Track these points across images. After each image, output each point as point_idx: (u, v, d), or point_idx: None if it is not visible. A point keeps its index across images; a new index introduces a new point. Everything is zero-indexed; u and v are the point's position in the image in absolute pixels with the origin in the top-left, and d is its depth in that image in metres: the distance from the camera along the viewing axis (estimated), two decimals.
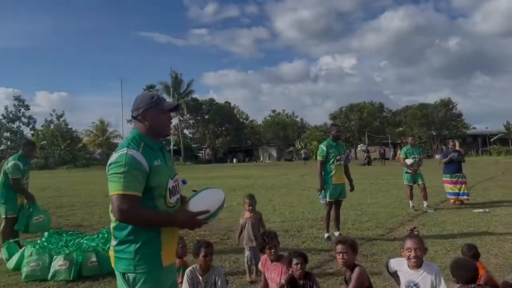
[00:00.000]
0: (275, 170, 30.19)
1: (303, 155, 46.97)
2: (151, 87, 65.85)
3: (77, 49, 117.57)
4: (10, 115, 57.46)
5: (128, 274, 2.13)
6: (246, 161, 60.16)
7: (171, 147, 45.03)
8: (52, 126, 57.01)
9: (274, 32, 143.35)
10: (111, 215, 2.18)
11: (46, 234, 5.99)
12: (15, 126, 58.02)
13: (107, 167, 2.18)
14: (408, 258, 3.22)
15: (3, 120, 57.08)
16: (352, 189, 6.95)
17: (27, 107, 59.06)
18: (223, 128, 64.97)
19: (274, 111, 72.49)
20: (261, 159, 61.68)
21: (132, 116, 2.33)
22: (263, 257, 3.84)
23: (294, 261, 3.36)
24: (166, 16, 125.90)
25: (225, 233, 7.52)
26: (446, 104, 58.71)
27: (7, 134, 57.37)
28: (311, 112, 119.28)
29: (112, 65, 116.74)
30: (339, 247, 3.30)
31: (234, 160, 59.63)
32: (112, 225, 2.20)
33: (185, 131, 67.05)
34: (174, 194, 2.32)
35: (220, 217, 9.13)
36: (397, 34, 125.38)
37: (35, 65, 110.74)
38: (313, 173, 24.40)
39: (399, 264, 3.32)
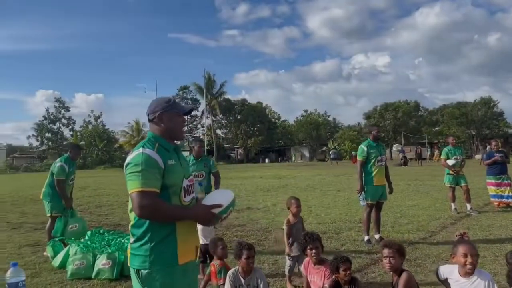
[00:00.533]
0: (308, 171, 29.94)
1: (332, 155, 46.32)
2: (184, 88, 66.95)
3: (112, 52, 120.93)
4: (51, 117, 59.71)
5: (142, 270, 2.17)
6: (279, 161, 59.97)
7: (205, 147, 45.46)
8: (90, 127, 58.81)
9: (306, 31, 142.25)
10: (130, 215, 2.28)
11: (89, 233, 6.15)
12: (55, 127, 60.25)
13: (124, 168, 2.26)
14: (464, 265, 3.05)
15: (44, 121, 59.39)
16: (391, 191, 6.76)
17: (67, 109, 61.24)
18: (255, 128, 65.07)
19: (306, 110, 71.98)
20: (294, 159, 61.32)
21: (149, 119, 2.43)
22: (306, 260, 3.78)
23: (342, 267, 3.28)
24: (199, 17, 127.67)
25: (262, 234, 7.49)
26: (487, 102, 56.50)
27: (48, 135, 59.66)
28: (344, 111, 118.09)
29: (146, 66, 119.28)
30: (386, 251, 3.20)
31: (266, 160, 59.61)
32: (131, 223, 2.30)
33: (218, 131, 67.67)
34: (189, 193, 2.40)
35: (256, 218, 9.16)
36: (432, 30, 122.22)
37: (73, 68, 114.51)
38: (348, 174, 24.09)
39: (450, 272, 3.17)
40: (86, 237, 5.95)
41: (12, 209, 12.22)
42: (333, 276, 3.38)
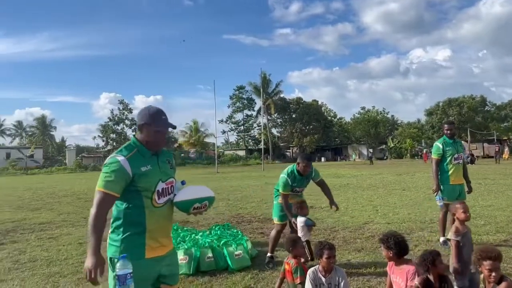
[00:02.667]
0: (368, 169, 29.20)
1: (368, 155, 44.75)
2: (240, 88, 67.86)
3: (171, 55, 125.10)
4: (116, 118, 62.77)
5: (114, 259, 2.39)
6: (338, 159, 58.93)
7: (261, 145, 45.68)
8: None
9: (361, 27, 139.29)
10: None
11: None
12: (119, 128, 63.29)
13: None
14: None
15: (109, 123, 62.59)
16: (470, 191, 6.40)
17: (130, 111, 64.08)
18: (311, 126, 64.53)
19: (363, 108, 70.24)
20: (353, 157, 59.96)
21: (136, 125, 2.59)
22: None
23: (437, 259, 3.12)
24: (252, 18, 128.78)
25: (330, 233, 7.40)
26: None
27: (112, 136, 62.83)
28: (401, 108, 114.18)
29: (203, 68, 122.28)
30: (488, 264, 2.79)
31: (323, 159, 58.91)
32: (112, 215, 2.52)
33: (273, 130, 67.87)
34: (165, 195, 2.55)
35: (320, 217, 9.06)
36: (498, 20, 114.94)
37: (133, 71, 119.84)
38: (411, 173, 23.24)
39: None
40: None
41: (87, 206, 12.93)
42: (423, 275, 3.22)
